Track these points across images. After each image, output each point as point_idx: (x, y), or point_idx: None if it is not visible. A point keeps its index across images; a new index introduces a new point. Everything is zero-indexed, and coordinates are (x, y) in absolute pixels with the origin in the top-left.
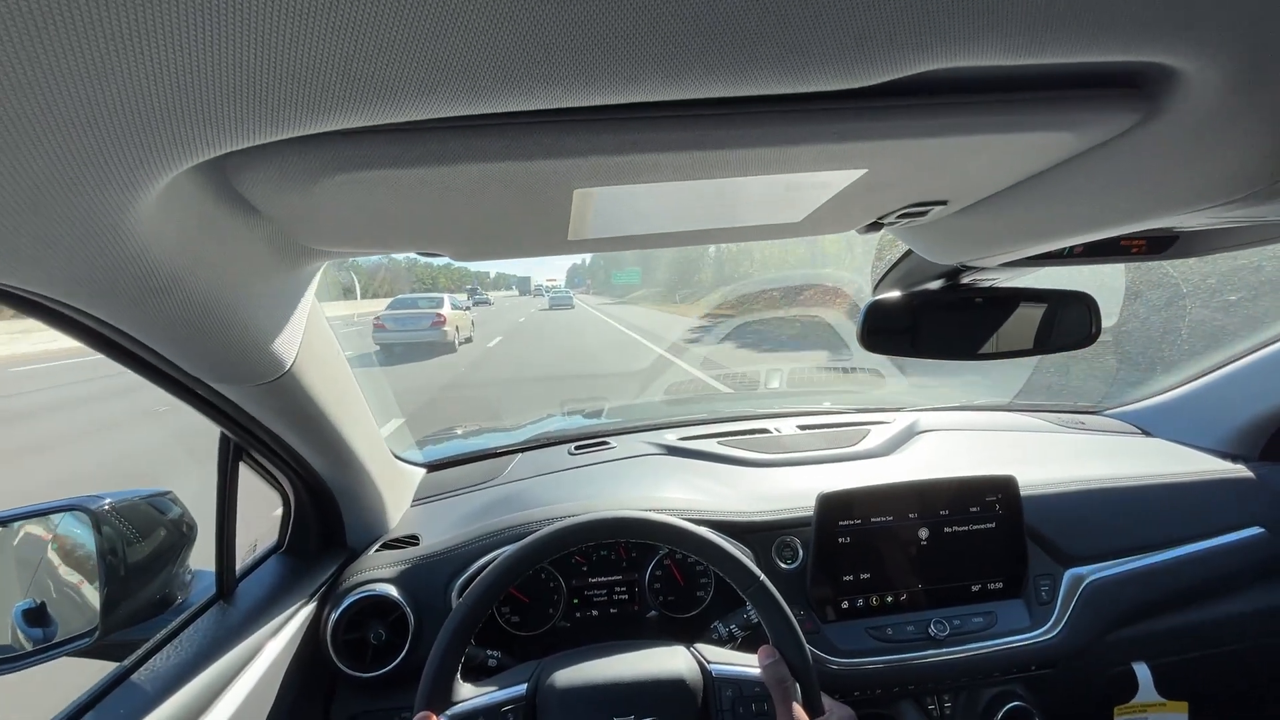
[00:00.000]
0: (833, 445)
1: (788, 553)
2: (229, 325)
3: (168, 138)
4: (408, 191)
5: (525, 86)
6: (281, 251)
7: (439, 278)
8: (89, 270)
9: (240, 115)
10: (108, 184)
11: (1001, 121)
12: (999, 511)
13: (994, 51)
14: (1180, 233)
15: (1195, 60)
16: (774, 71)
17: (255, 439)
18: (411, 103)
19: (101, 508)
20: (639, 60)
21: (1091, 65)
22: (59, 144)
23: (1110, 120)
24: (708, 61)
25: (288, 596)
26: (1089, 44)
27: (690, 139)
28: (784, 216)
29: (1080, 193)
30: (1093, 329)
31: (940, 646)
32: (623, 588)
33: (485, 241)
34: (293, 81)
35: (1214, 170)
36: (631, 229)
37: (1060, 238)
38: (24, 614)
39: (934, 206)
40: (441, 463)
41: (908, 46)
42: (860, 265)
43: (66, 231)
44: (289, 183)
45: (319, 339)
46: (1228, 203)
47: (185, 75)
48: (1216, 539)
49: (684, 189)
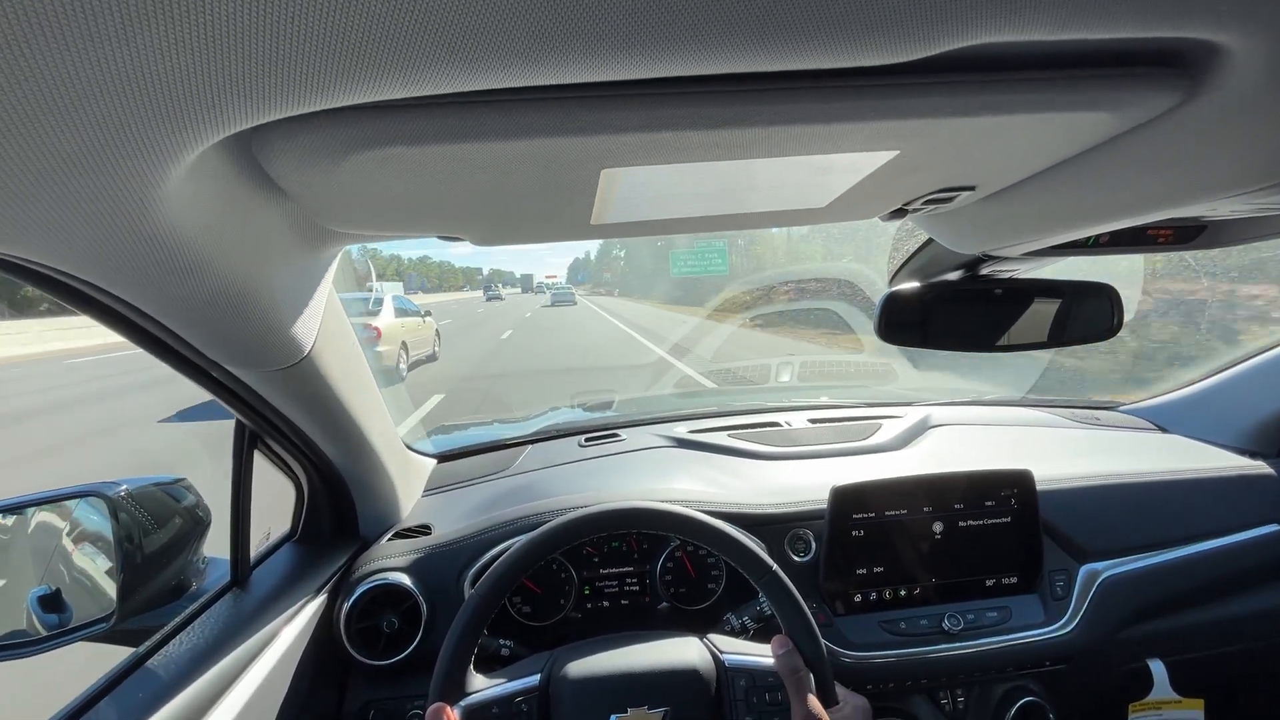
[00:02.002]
0: (844, 439)
1: (800, 545)
2: (249, 308)
3: (200, 108)
4: (432, 170)
5: (555, 59)
6: (303, 233)
7: (445, 275)
8: (113, 247)
9: (272, 85)
10: (136, 155)
11: (1037, 100)
12: (1014, 506)
13: (1034, 26)
14: (1209, 222)
15: (1244, 37)
16: (808, 46)
17: (271, 425)
18: (442, 73)
19: (118, 494)
20: (673, 33)
21: (1133, 42)
22: (89, 113)
23: (1150, 101)
24: (743, 34)
25: (301, 584)
26: (1134, 18)
27: (722, 116)
28: (810, 201)
29: (1113, 178)
30: (1114, 321)
31: (954, 641)
32: (634, 579)
33: (508, 224)
34: (325, 50)
35: (1253, 154)
36: (654, 214)
37: (1088, 225)
38: (39, 600)
39: (961, 192)
40: (453, 453)
41: (945, 20)
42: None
43: (93, 205)
44: (315, 159)
45: (336, 325)
46: (1265, 188)
47: (217, 44)
48: (1233, 536)
49: (709, 171)
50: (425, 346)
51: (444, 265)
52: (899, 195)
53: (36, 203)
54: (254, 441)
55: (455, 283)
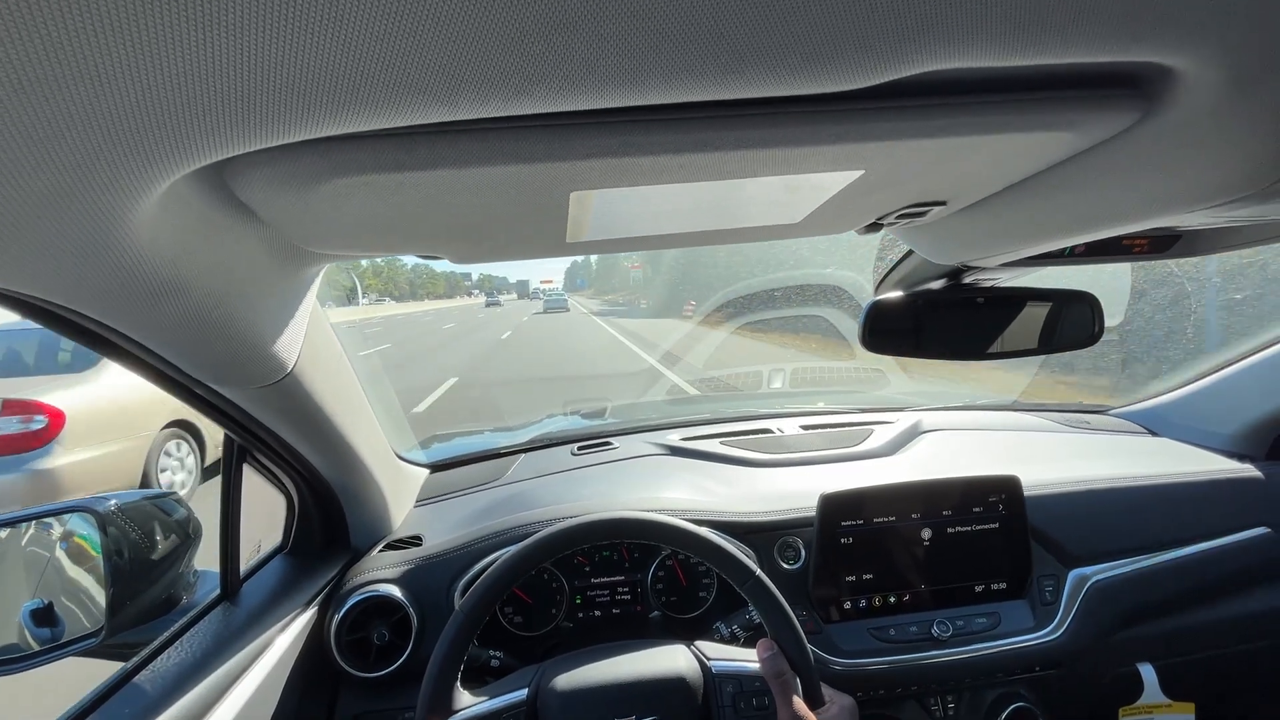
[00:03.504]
0: (835, 445)
1: (790, 553)
2: (230, 329)
3: (167, 143)
4: (406, 195)
5: (523, 91)
6: (281, 255)
7: (439, 282)
8: (90, 276)
9: (239, 121)
10: (107, 190)
11: (998, 122)
12: (1002, 512)
13: (990, 53)
14: (1182, 232)
15: (1192, 60)
16: (770, 74)
17: (259, 440)
18: (410, 108)
19: (108, 509)
20: (636, 64)
21: (1089, 65)
22: (58, 151)
23: (1108, 120)
24: (704, 65)
25: (292, 597)
26: (1085, 44)
27: (686, 141)
28: (783, 217)
29: (1080, 192)
30: (1095, 328)
31: (943, 647)
32: (625, 588)
33: (483, 244)
34: (292, 87)
35: (1213, 170)
36: (629, 231)
37: (1061, 237)
38: (32, 614)
39: (933, 207)
40: (445, 463)
41: (903, 49)
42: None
43: (67, 238)
44: (288, 187)
45: (321, 341)
46: (1228, 202)
47: (185, 81)
48: (1223, 539)
49: (682, 191)
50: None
51: (419, 270)
52: (871, 210)
53: (15, 239)
54: (243, 455)
55: (435, 289)
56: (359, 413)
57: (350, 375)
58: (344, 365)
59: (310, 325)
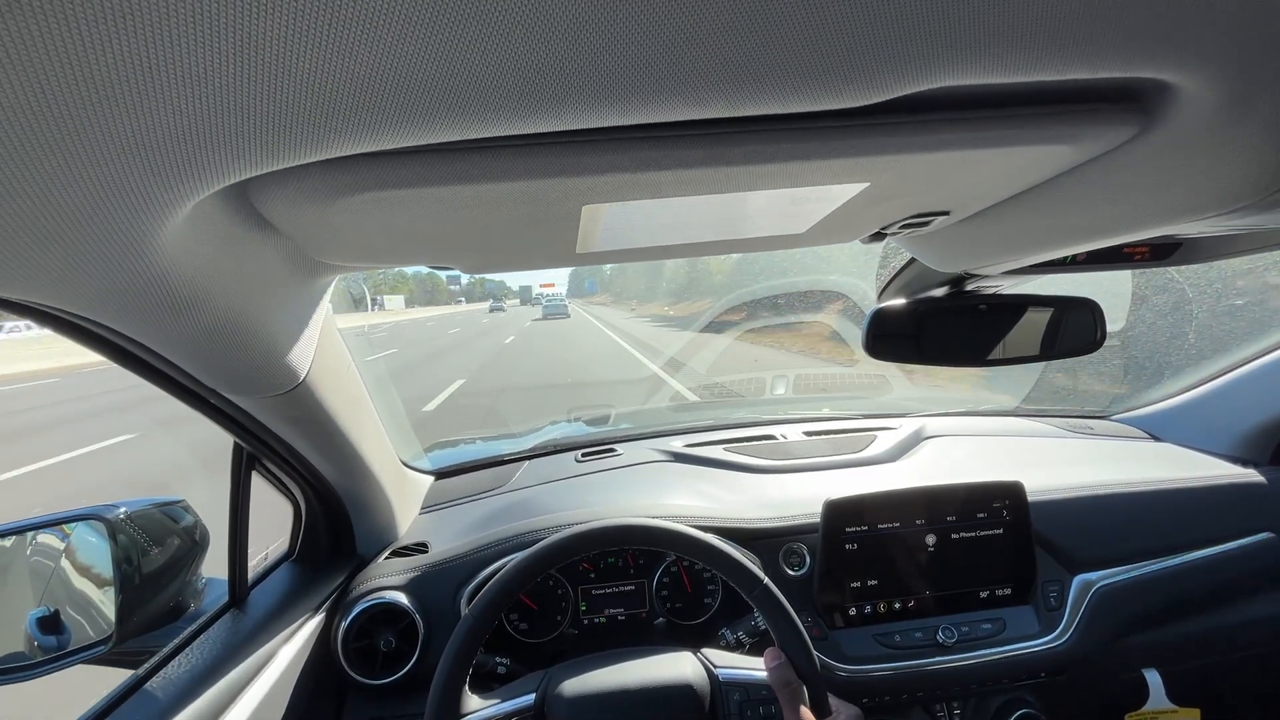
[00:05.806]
0: (839, 451)
1: (795, 559)
2: (246, 339)
3: (197, 166)
4: (423, 209)
5: (541, 110)
6: (298, 267)
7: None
8: (114, 289)
9: (266, 142)
10: (136, 210)
11: (1000, 136)
12: (1006, 517)
13: (991, 71)
14: (1183, 239)
15: (1190, 76)
16: (779, 93)
17: (268, 448)
18: (432, 127)
19: (117, 516)
20: (648, 86)
21: (1089, 81)
22: (89, 173)
23: (1108, 134)
24: (714, 85)
25: (299, 604)
26: (1085, 61)
27: (696, 157)
28: (789, 228)
29: (1080, 203)
30: (1098, 335)
31: (948, 653)
32: (631, 595)
33: (495, 255)
34: (318, 109)
35: (1211, 181)
36: (638, 242)
37: (1062, 246)
38: (38, 622)
39: (936, 217)
40: (450, 470)
41: (909, 68)
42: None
43: (95, 254)
44: (309, 202)
45: (331, 350)
46: (1226, 212)
47: (214, 106)
48: (1227, 544)
49: (690, 203)
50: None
51: (420, 275)
52: (875, 220)
53: (46, 255)
54: (252, 463)
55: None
56: (366, 420)
57: (358, 383)
58: (353, 373)
59: (322, 334)
